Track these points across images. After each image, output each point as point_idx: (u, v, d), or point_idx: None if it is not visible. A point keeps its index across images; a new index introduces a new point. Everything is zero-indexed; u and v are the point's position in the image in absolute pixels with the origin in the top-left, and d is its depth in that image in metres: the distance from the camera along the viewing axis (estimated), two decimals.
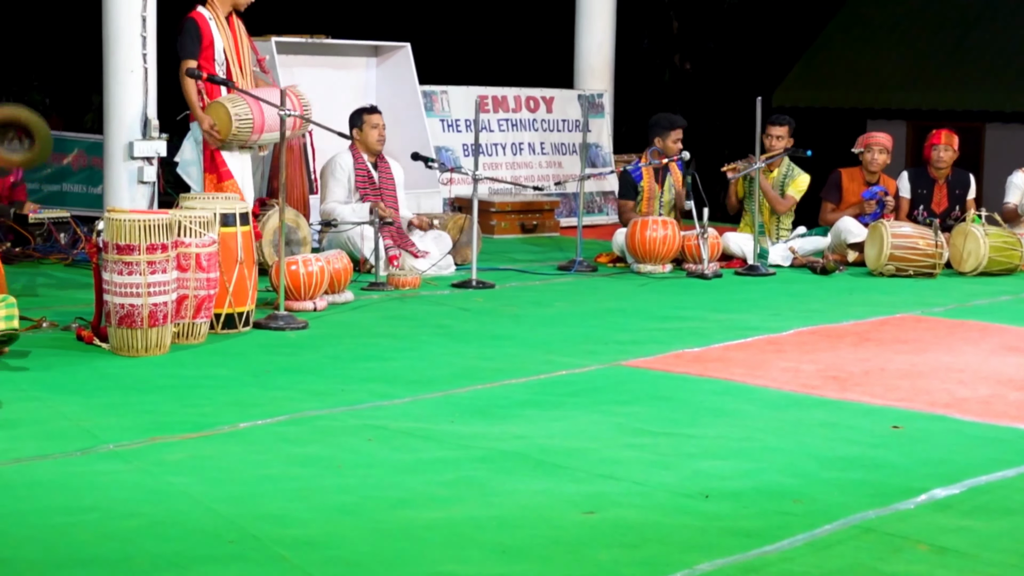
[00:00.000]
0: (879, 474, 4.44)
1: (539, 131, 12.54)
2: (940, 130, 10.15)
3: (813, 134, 11.01)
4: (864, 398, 5.59)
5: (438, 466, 4.46)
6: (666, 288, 8.70)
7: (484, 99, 11.82)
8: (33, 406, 5.19)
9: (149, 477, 4.28)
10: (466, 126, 11.57)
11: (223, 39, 8.26)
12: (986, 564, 3.60)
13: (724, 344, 6.73)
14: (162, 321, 6.18)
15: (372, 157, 9.10)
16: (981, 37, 15.61)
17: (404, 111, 10.81)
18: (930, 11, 16.32)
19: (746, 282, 9.02)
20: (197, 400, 5.37)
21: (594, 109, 12.61)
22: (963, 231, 9.39)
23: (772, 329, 7.13)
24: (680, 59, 19.68)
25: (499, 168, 11.89)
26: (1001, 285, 8.93)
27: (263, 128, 7.99)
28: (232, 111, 7.89)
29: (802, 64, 17.02)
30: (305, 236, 8.50)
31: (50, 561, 3.50)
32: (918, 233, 9.29)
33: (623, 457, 4.62)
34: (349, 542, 3.70)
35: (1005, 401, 5.57)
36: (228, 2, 8.29)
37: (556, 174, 12.40)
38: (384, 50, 11.46)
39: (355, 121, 9.12)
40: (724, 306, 7.97)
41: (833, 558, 3.63)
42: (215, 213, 6.59)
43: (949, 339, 6.96)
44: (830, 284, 8.99)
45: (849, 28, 16.99)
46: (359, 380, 5.78)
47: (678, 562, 3.56)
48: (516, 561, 3.57)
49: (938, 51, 15.85)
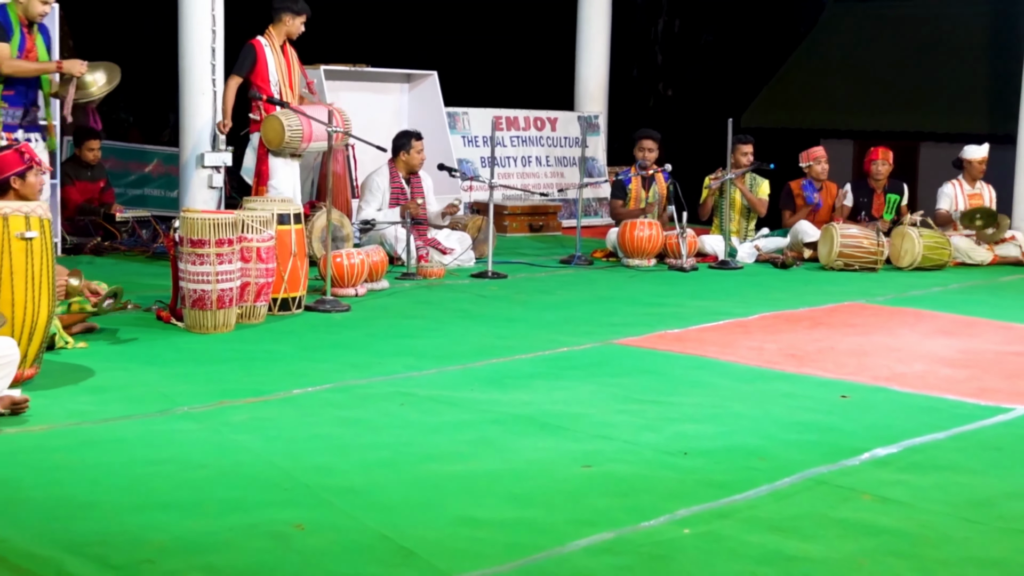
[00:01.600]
0: (830, 436, 4.44)
1: (545, 146, 12.53)
2: (878, 147, 10.15)
3: (776, 150, 10.98)
4: (817, 372, 5.59)
5: (459, 427, 4.47)
6: (651, 279, 8.69)
7: (499, 119, 11.82)
8: (119, 375, 5.21)
9: (216, 435, 4.30)
10: (483, 142, 11.55)
11: (276, 63, 8.31)
12: (919, 512, 3.61)
13: (700, 326, 6.72)
14: (228, 304, 6.19)
15: (407, 173, 9.08)
16: (916, 70, 15.59)
17: (431, 129, 10.78)
18: (874, 48, 16.30)
19: (718, 275, 9.01)
20: (257, 370, 5.39)
21: (591, 128, 12.61)
22: (901, 232, 9.38)
23: (740, 314, 7.12)
24: (663, 87, 19.67)
25: (511, 177, 11.89)
26: (933, 278, 8.91)
27: (311, 138, 8.08)
28: (285, 124, 7.98)
29: (766, 91, 16.99)
30: (348, 233, 8.50)
31: (133, 505, 3.52)
32: (863, 234, 9.28)
33: (615, 420, 4.62)
34: (384, 490, 3.71)
35: (937, 376, 5.57)
36: (283, 33, 8.36)
37: (559, 183, 12.39)
38: (415, 77, 11.45)
39: (404, 144, 9.05)
40: (700, 295, 7.96)
41: (791, 506, 3.64)
42: (273, 213, 6.60)
43: (889, 323, 6.95)
44: (789, 277, 8.98)
45: (806, 61, 16.96)
46: (392, 354, 5.79)
47: (661, 508, 3.56)
48: (525, 507, 3.57)
49: (880, 81, 15.83)
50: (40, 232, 4.91)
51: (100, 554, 3.11)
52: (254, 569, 3.04)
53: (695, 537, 3.35)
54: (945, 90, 15.12)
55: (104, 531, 3.28)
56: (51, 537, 3.23)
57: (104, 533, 3.27)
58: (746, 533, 3.38)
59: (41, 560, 3.06)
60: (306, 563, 3.09)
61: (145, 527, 3.32)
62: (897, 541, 3.35)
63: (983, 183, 10.19)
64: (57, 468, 3.85)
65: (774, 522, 3.48)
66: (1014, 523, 3.54)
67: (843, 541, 3.34)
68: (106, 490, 3.64)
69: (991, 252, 9.75)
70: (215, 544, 3.21)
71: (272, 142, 8.10)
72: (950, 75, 15.24)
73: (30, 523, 3.33)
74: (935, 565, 3.20)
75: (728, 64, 18.74)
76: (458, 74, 13.25)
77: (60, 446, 4.11)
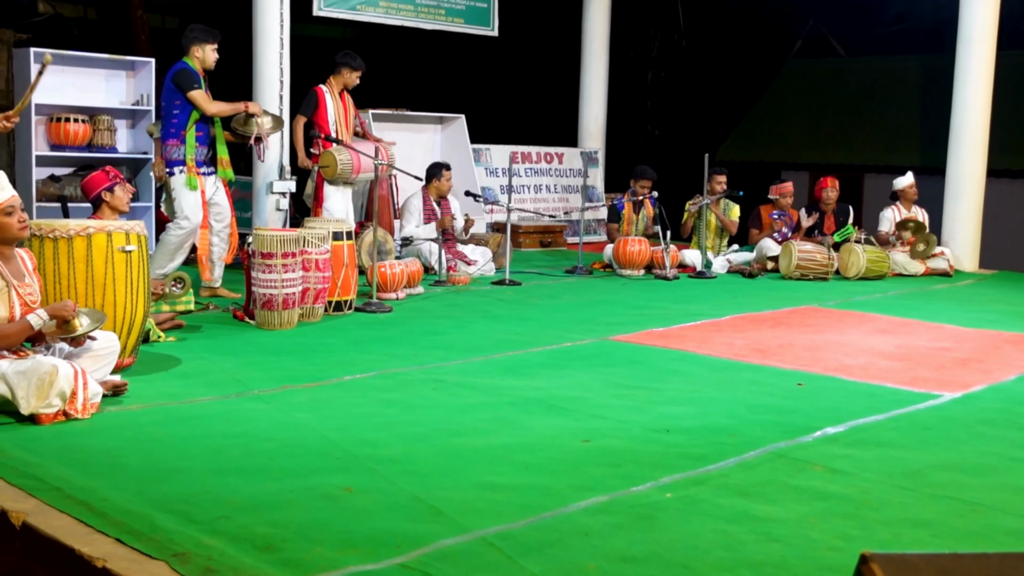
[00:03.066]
0: (788, 417, 4.43)
1: (553, 177, 12.51)
2: (827, 177, 10.11)
3: (745, 180, 10.96)
4: (778, 364, 5.57)
5: (480, 408, 4.47)
6: (640, 286, 8.67)
7: (515, 154, 11.83)
8: (201, 363, 5.23)
9: (280, 413, 4.31)
10: (502, 173, 11.55)
11: (335, 108, 8.33)
12: (861, 480, 3.59)
13: (680, 325, 6.71)
14: (291, 305, 6.21)
15: (438, 197, 9.09)
16: (860, 114, 15.57)
17: (459, 162, 10.79)
18: (825, 96, 16.28)
19: (696, 283, 8.98)
20: (314, 360, 5.40)
21: (591, 162, 12.58)
22: (848, 248, 9.34)
23: (714, 315, 7.10)
24: (651, 127, 19.66)
25: (525, 202, 11.87)
26: (875, 287, 8.87)
27: (359, 170, 8.15)
28: (338, 158, 8.05)
29: (737, 131, 16.95)
30: (391, 248, 8.51)
31: (212, 470, 3.53)
32: (816, 249, 9.25)
33: (609, 403, 4.61)
34: (418, 459, 3.71)
35: (877, 367, 5.54)
36: (340, 83, 8.42)
37: (564, 207, 12.37)
38: (446, 119, 11.46)
39: (435, 173, 9.03)
40: (681, 299, 7.94)
41: (755, 475, 3.62)
42: (329, 231, 6.61)
43: (838, 324, 6.92)
44: (755, 285, 8.95)
45: (770, 107, 16.93)
46: (426, 348, 5.79)
47: (648, 476, 3.56)
48: (535, 474, 3.57)
49: (832, 122, 15.80)
50: (137, 246, 4.94)
51: (185, 511, 3.12)
52: (310, 524, 3.04)
53: (675, 500, 3.34)
54: (884, 130, 15.10)
55: (188, 492, 3.29)
56: (144, 497, 3.24)
57: (188, 493, 3.28)
58: (718, 497, 3.37)
59: (137, 516, 3.07)
60: (353, 519, 3.09)
61: (221, 488, 3.33)
62: (843, 504, 3.34)
63: (917, 207, 10.14)
64: (150, 440, 3.87)
65: (741, 488, 3.46)
66: (941, 490, 3.52)
67: (798, 504, 3.33)
68: (190, 458, 3.65)
69: (923, 265, 9.71)
70: (278, 503, 3.21)
71: (328, 173, 8.13)
72: (888, 118, 15.23)
73: (127, 485, 3.35)
74: (875, 525, 3.18)
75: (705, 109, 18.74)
76: (482, 117, 13.27)
77: (152, 422, 4.13)
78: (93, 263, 4.77)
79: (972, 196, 10.38)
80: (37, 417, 4.01)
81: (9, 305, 4.15)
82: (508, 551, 2.88)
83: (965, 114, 10.25)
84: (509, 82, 18.09)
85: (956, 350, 6.05)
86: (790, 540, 3.02)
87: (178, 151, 7.01)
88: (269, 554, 2.82)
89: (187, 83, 6.93)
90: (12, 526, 3.05)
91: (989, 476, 3.68)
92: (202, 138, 7.08)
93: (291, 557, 2.80)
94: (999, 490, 3.53)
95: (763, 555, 2.90)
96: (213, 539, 2.90)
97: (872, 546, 2.95)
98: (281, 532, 2.97)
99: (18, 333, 4.12)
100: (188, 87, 6.93)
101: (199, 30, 7.08)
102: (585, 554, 2.88)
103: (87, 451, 3.70)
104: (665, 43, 19.65)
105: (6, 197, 4.18)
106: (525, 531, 3.03)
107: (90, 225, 4.84)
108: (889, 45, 16.98)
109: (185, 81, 6.94)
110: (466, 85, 17.02)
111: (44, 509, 3.11)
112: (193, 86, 6.94)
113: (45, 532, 2.95)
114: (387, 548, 2.87)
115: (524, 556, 2.85)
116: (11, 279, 4.19)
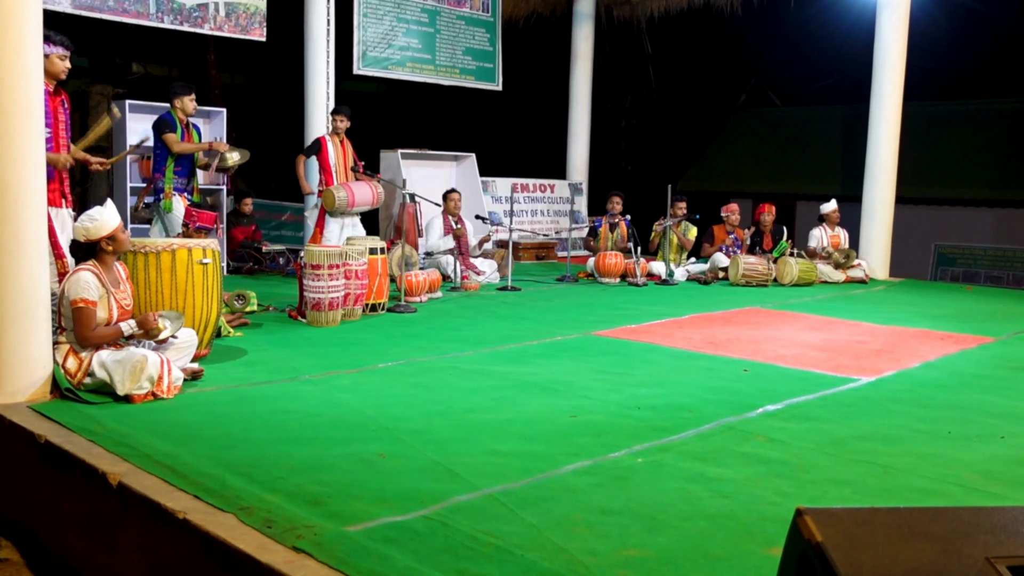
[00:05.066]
0: (736, 397, 4.42)
1: (546, 203, 12.50)
2: (766, 204, 10.10)
3: (701, 206, 10.95)
4: (727, 354, 5.56)
5: (488, 389, 4.46)
6: (616, 292, 8.66)
7: (516, 185, 11.82)
8: (263, 354, 5.22)
9: (327, 394, 4.30)
10: (505, 200, 11.55)
11: (335, 152, 8.26)
12: (795, 448, 3.58)
13: (649, 323, 6.69)
14: (335, 307, 6.20)
15: (453, 217, 9.09)
16: (793, 152, 15.59)
17: (470, 191, 10.79)
18: (766, 138, 16.29)
19: (662, 289, 8.97)
20: (354, 351, 5.39)
21: (577, 191, 12.57)
22: (783, 261, 9.32)
23: (676, 315, 7.09)
24: (625, 164, 19.66)
25: (523, 223, 11.85)
26: (805, 292, 8.85)
27: (354, 204, 8.00)
28: (336, 195, 7.94)
29: (695, 166, 16.95)
30: (416, 260, 8.49)
31: (272, 439, 3.52)
32: (758, 262, 9.23)
33: (592, 385, 4.60)
34: (439, 431, 3.70)
35: (807, 357, 5.53)
36: (340, 132, 8.27)
37: (555, 227, 12.36)
38: (460, 157, 11.45)
39: (446, 195, 9.04)
40: (649, 302, 7.92)
41: (710, 444, 3.61)
42: (366, 248, 6.60)
43: (775, 322, 6.91)
44: (709, 290, 8.93)
45: (722, 146, 16.94)
46: (444, 340, 5.78)
47: (622, 445, 3.54)
48: (532, 443, 3.56)
49: (771, 160, 15.81)
50: (212, 259, 4.93)
51: (249, 473, 3.12)
52: (351, 483, 3.04)
53: (645, 464, 3.32)
54: (813, 165, 15.10)
55: (252, 457, 3.29)
56: (217, 461, 3.23)
57: (252, 458, 3.27)
58: (680, 462, 3.36)
59: (211, 477, 3.06)
60: (386, 479, 3.09)
61: (280, 455, 3.32)
62: (780, 467, 3.33)
63: (840, 228, 10.13)
64: (221, 415, 3.86)
65: (698, 454, 3.45)
66: (859, 456, 3.50)
67: (744, 467, 3.32)
68: (253, 430, 3.65)
69: (844, 274, 9.69)
70: (325, 466, 3.20)
71: (328, 206, 8.08)
72: (816, 156, 15.24)
73: (203, 452, 3.34)
74: (806, 484, 3.17)
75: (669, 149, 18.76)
76: (489, 155, 13.26)
77: (224, 400, 4.12)
78: (176, 273, 4.77)
79: (883, 218, 10.36)
80: (130, 397, 4.01)
81: (108, 308, 4.16)
82: (510, 505, 2.87)
83: (878, 152, 10.25)
84: (510, 127, 18.14)
85: (871, 343, 6.03)
86: (738, 496, 3.00)
87: (160, 182, 7.04)
88: (318, 508, 2.81)
89: (162, 128, 7.00)
90: (110, 485, 3.05)
91: (898, 444, 3.67)
92: (181, 171, 7.08)
93: (335, 510, 2.79)
94: (907, 456, 3.52)
95: (716, 508, 2.89)
96: (272, 495, 2.90)
97: (804, 501, 2.94)
98: (327, 490, 2.96)
99: (112, 335, 4.15)
100: (162, 131, 6.99)
101: (179, 85, 7.11)
102: (573, 507, 2.87)
103: (170, 424, 3.70)
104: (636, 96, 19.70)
105: (119, 222, 4.22)
106: (524, 489, 3.02)
107: (174, 243, 4.84)
108: (818, 97, 17.03)
109: (161, 127, 7.01)
110: (476, 130, 17.04)
111: (135, 471, 3.11)
112: (165, 131, 6.98)
113: (136, 490, 2.95)
114: (413, 503, 2.86)
115: (523, 509, 2.84)
116: (110, 287, 4.19)
